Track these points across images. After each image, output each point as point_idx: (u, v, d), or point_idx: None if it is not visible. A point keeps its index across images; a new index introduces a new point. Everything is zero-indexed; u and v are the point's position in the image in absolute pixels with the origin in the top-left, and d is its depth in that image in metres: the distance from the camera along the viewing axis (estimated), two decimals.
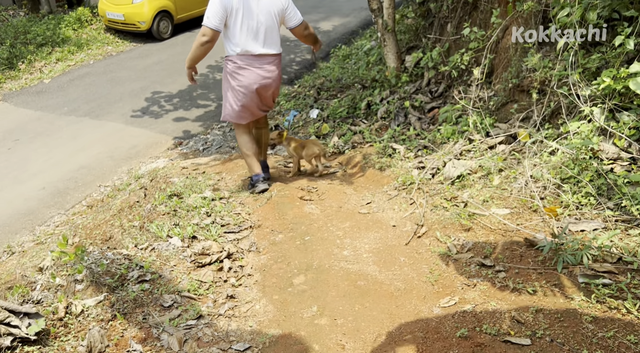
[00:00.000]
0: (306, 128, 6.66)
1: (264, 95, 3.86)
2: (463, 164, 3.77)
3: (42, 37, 9.50)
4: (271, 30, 3.62)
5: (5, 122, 7.30)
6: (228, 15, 3.49)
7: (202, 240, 3.24)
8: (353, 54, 9.21)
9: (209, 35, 3.52)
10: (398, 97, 5.66)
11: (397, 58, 5.95)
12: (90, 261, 2.68)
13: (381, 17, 5.83)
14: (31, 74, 8.76)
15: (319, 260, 2.88)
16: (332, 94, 7.44)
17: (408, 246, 2.96)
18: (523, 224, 2.92)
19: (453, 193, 3.53)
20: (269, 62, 3.71)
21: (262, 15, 3.54)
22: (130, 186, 5.89)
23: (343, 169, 4.72)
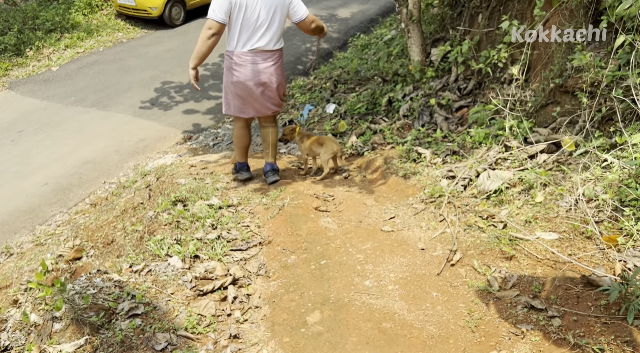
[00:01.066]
0: (322, 125, 6.22)
1: (265, 91, 3.72)
2: (499, 175, 3.31)
3: (51, 22, 9.13)
4: (273, 26, 3.50)
5: (10, 113, 6.98)
6: (232, 8, 3.38)
7: (205, 259, 2.86)
8: (372, 43, 8.69)
9: (215, 29, 3.39)
10: (422, 94, 5.18)
11: (422, 51, 5.46)
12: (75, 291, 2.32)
13: (405, 7, 5.33)
14: (39, 61, 8.42)
15: (337, 291, 2.47)
16: (350, 87, 6.97)
17: (440, 276, 2.54)
18: (576, 254, 2.48)
19: (489, 209, 3.09)
20: (268, 58, 3.60)
21: (265, 10, 3.41)
22: (136, 183, 5.54)
23: (362, 175, 4.29)
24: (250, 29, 3.45)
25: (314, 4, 11.33)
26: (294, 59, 8.94)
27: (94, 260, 4.40)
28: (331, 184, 4.18)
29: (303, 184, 4.22)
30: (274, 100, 3.89)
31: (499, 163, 3.58)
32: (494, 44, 4.84)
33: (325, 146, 4.16)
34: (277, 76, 3.73)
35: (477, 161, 3.66)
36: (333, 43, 9.61)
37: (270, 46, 3.57)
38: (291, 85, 7.82)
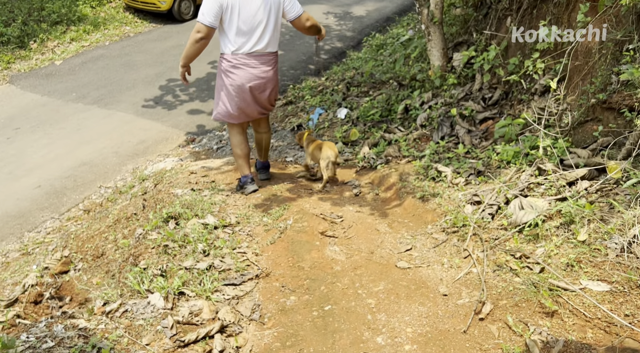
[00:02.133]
0: (332, 131, 5.78)
1: (258, 95, 3.61)
2: (533, 204, 2.85)
3: (57, 14, 8.77)
4: (269, 28, 3.37)
5: (9, 108, 6.63)
6: (224, 11, 3.24)
7: (191, 297, 2.45)
8: (388, 44, 8.20)
9: (203, 32, 3.26)
10: (442, 103, 4.71)
11: (443, 55, 4.98)
12: (27, 346, 1.92)
13: (427, 7, 4.85)
14: (42, 54, 8.06)
15: (344, 350, 2.04)
16: (364, 90, 6.50)
17: (467, 334, 2.09)
18: (635, 315, 2.02)
19: (522, 246, 2.63)
20: (264, 62, 3.47)
21: (259, 11, 3.28)
22: (133, 189, 5.16)
23: (375, 193, 3.84)
24: (245, 32, 3.31)
25: (328, 1, 10.86)
26: (305, 58, 8.48)
27: (81, 274, 4.03)
28: (340, 202, 3.74)
29: (309, 201, 3.78)
30: (265, 105, 3.76)
31: (532, 188, 3.11)
32: (523, 51, 4.36)
33: (322, 152, 4.02)
34: (273, 81, 3.62)
35: (506, 185, 3.19)
36: (347, 42, 9.14)
37: (268, 49, 3.44)
38: (301, 86, 7.38)
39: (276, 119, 6.57)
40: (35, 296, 3.87)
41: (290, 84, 7.55)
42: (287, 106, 6.84)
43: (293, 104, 6.85)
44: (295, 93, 7.18)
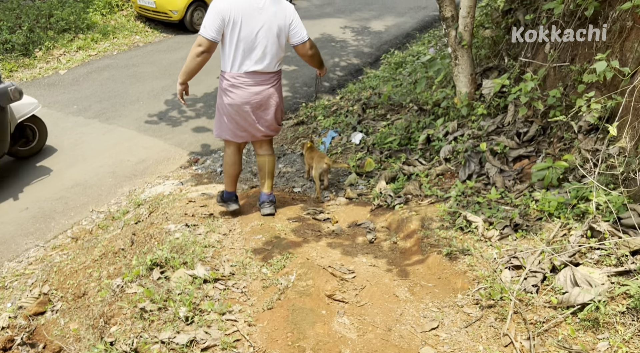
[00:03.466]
0: (345, 157, 5.27)
1: (260, 114, 3.41)
2: (589, 278, 2.31)
3: (66, 21, 8.43)
4: (271, 47, 3.18)
5: None
6: (225, 25, 3.06)
7: None
8: (408, 62, 7.71)
9: (205, 46, 3.08)
10: (470, 135, 4.18)
11: (471, 82, 4.46)
12: None
13: (455, 28, 4.34)
14: (47, 63, 7.71)
15: None
16: (381, 113, 6.00)
17: None
18: None
19: (579, 336, 2.09)
20: (265, 81, 3.28)
21: (263, 30, 3.10)
22: (127, 215, 4.70)
23: (392, 241, 3.32)
24: (246, 49, 3.13)
25: (346, 15, 10.41)
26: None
27: (59, 316, 3.57)
28: (352, 251, 3.22)
29: (316, 247, 3.27)
30: (271, 125, 3.53)
31: (584, 253, 2.57)
32: (565, 81, 3.82)
33: (315, 161, 4.25)
34: (275, 99, 3.40)
35: (551, 247, 2.65)
36: (364, 58, 8.66)
37: (269, 68, 3.25)
38: (315, 104, 6.90)
39: (285, 140, 6.09)
40: (5, 342, 3.40)
41: (303, 102, 7.08)
42: (298, 127, 6.36)
43: (305, 125, 6.37)
44: (307, 112, 6.70)
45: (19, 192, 5.01)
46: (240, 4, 3.02)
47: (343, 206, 4.09)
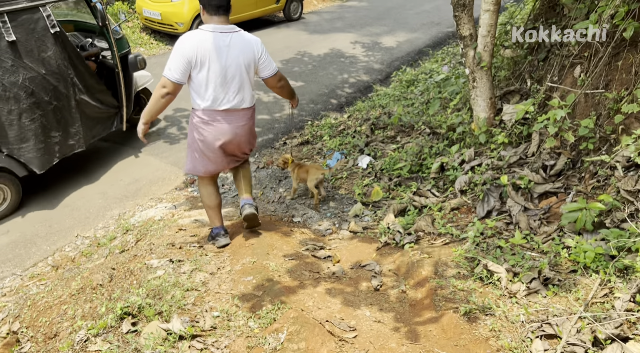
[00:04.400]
0: (351, 182, 4.86)
1: (233, 151, 3.35)
2: None
3: None
4: (242, 84, 3.11)
5: None
6: (192, 67, 2.96)
7: None
8: (420, 80, 7.32)
9: (169, 88, 2.98)
10: (489, 166, 3.75)
11: (490, 106, 4.04)
12: None
13: (473, 48, 3.94)
14: None
15: None
16: (390, 135, 5.59)
17: None
18: None
19: None
20: (237, 117, 3.19)
21: (231, 67, 3.02)
22: (114, 241, 4.33)
23: (400, 289, 2.88)
24: (217, 88, 3.03)
25: (356, 30, 10.07)
26: (327, 92, 7.65)
27: None
28: (354, 301, 2.79)
29: (313, 294, 2.85)
30: (240, 157, 3.48)
31: (635, 323, 2.12)
32: (597, 109, 3.39)
33: (309, 174, 4.24)
34: (247, 136, 3.33)
35: (591, 313, 2.21)
36: (374, 75, 8.29)
37: (242, 105, 3.17)
38: (321, 123, 6.52)
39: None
40: None
41: (309, 120, 6.70)
42: (303, 147, 5.97)
43: (310, 145, 5.98)
44: (313, 131, 6.32)
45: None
46: (206, 44, 2.91)
47: (346, 241, 3.68)
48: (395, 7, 11.48)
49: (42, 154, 4.54)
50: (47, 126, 4.53)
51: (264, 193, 5.02)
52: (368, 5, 11.60)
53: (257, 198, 4.93)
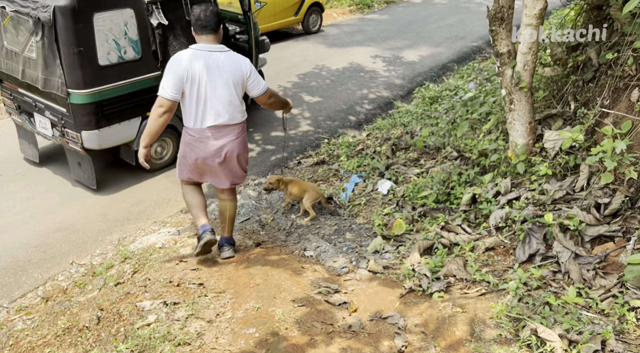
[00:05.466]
0: (369, 209, 4.42)
1: (226, 166, 3.36)
2: None
3: None
4: (232, 101, 3.19)
5: (2, 148, 5.66)
6: (184, 84, 3.04)
7: None
8: (444, 97, 6.86)
9: (166, 106, 3.05)
10: (529, 200, 3.27)
11: (530, 131, 3.57)
12: None
13: (511, 67, 3.48)
14: None
15: None
16: (413, 158, 5.14)
17: None
18: None
19: None
20: (228, 133, 3.27)
21: (221, 86, 3.10)
22: (110, 271, 3.96)
23: (433, 348, 2.41)
24: (208, 105, 3.12)
25: (377, 43, 9.68)
26: (345, 108, 7.24)
27: None
28: None
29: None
30: (236, 173, 3.48)
31: None
32: None
33: (307, 193, 4.20)
34: (238, 150, 3.36)
35: None
36: (395, 91, 7.86)
37: (232, 121, 3.24)
38: (338, 142, 6.11)
39: None
40: None
41: (326, 139, 6.29)
42: (318, 167, 5.55)
43: (325, 165, 5.56)
44: (329, 150, 5.91)
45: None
46: (197, 63, 3.02)
47: (365, 283, 3.22)
48: (418, 21, 11.06)
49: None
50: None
51: (275, 218, 4.60)
52: (389, 18, 11.21)
53: (267, 224, 4.52)
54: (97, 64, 4.41)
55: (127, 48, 4.61)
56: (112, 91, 4.58)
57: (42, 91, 4.60)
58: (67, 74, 4.32)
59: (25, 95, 4.89)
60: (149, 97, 4.14)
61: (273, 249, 3.87)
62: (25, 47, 4.54)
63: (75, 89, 4.38)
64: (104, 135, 4.66)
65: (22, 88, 4.90)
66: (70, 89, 4.37)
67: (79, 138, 4.57)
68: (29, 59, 4.54)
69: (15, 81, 4.88)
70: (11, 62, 4.75)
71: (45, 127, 4.86)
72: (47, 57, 4.36)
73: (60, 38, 4.22)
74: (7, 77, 5.00)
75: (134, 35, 4.61)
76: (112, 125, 4.68)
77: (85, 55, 4.31)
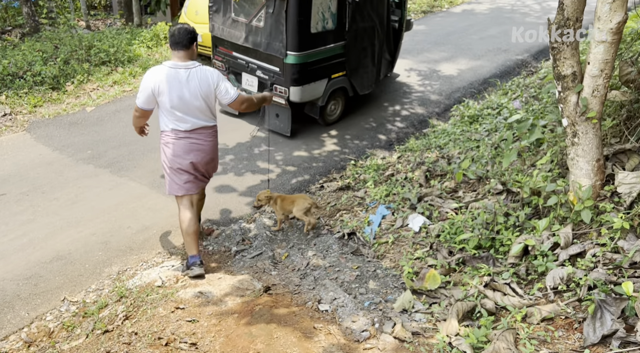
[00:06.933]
0: (397, 250, 3.83)
1: (196, 164, 3.70)
2: None
3: (106, 53, 7.72)
4: (200, 109, 3.55)
5: (9, 164, 5.38)
6: (156, 96, 3.44)
7: None
8: (485, 116, 6.19)
9: (139, 113, 3.58)
10: (598, 259, 2.61)
11: (597, 171, 2.90)
12: None
13: (576, 93, 2.84)
14: (77, 97, 6.94)
15: None
16: (450, 188, 4.50)
17: None
18: None
19: None
20: (201, 135, 3.65)
21: (189, 97, 3.45)
22: (104, 311, 3.53)
23: None
24: (178, 113, 3.50)
25: (412, 56, 9.06)
26: (375, 125, 6.67)
27: None
28: None
29: None
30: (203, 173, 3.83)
31: None
32: None
33: (296, 204, 4.17)
34: (211, 151, 3.76)
35: None
36: (430, 107, 7.22)
37: (203, 124, 3.62)
38: (365, 164, 5.54)
39: (324, 212, 4.73)
40: None
41: (352, 160, 5.73)
42: (342, 193, 5.00)
43: (350, 191, 5.00)
44: (355, 174, 5.35)
45: None
46: (165, 78, 3.37)
47: None
48: (457, 32, 10.36)
49: (362, 80, 6.47)
50: (369, 61, 6.42)
51: (290, 254, 4.07)
52: (426, 29, 10.56)
53: (280, 261, 4.00)
54: (309, 32, 5.48)
55: (328, 20, 5.66)
56: (314, 54, 5.66)
57: (258, 54, 5.75)
58: (289, 38, 5.39)
59: (239, 58, 6.04)
60: (334, 63, 5.91)
61: (283, 297, 3.34)
62: (254, 18, 5.66)
63: (292, 51, 5.47)
64: (305, 91, 5.73)
65: (237, 52, 6.03)
66: (288, 51, 5.47)
67: (286, 92, 5.66)
68: (255, 28, 5.68)
69: (232, 46, 6.04)
70: (234, 30, 5.89)
71: (252, 84, 6.02)
72: (273, 26, 5.46)
73: (289, 10, 5.26)
74: (223, 43, 6.16)
75: (334, 9, 5.67)
76: (310, 83, 5.74)
77: (303, 24, 5.38)
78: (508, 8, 12.27)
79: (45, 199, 4.79)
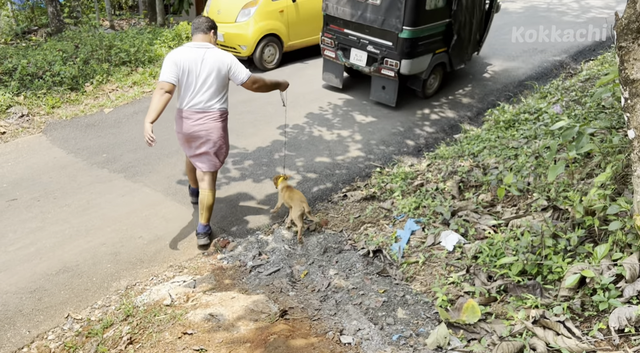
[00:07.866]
0: (430, 272, 3.43)
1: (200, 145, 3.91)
2: None
3: (126, 53, 7.54)
4: (210, 89, 3.75)
5: (21, 168, 5.20)
6: (179, 71, 3.63)
7: None
8: (522, 121, 5.71)
9: (166, 88, 3.58)
10: None
11: None
12: None
13: None
14: (96, 98, 6.77)
15: None
16: (487, 201, 4.08)
17: None
18: None
19: None
20: (204, 116, 3.81)
21: (203, 77, 3.70)
22: (109, 331, 3.26)
23: None
24: (190, 91, 3.72)
25: None
26: (403, 130, 6.27)
27: None
28: None
29: None
30: (211, 159, 3.98)
31: None
32: None
33: (294, 203, 4.14)
34: (214, 135, 3.88)
35: None
36: (462, 111, 6.78)
37: (213, 106, 3.80)
38: (392, 172, 5.15)
39: (347, 224, 4.37)
40: None
41: (378, 167, 5.35)
42: (367, 204, 4.63)
43: (376, 202, 4.62)
44: (381, 182, 4.97)
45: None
46: (186, 56, 3.64)
47: None
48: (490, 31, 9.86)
49: (459, 57, 6.93)
50: (466, 39, 6.86)
51: (309, 272, 3.73)
52: None
53: (299, 280, 3.66)
54: (424, 8, 5.92)
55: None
56: (425, 30, 6.10)
57: (371, 30, 6.18)
58: (406, 14, 5.82)
59: (350, 34, 6.41)
60: (439, 39, 6.42)
61: (301, 324, 2.99)
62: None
63: (408, 26, 5.88)
64: (413, 64, 6.14)
65: (348, 29, 6.42)
66: (404, 26, 5.89)
67: (397, 65, 6.09)
68: (371, 5, 6.08)
69: (344, 23, 6.42)
70: (349, 9, 6.26)
71: (360, 59, 6.42)
72: (391, 2, 5.88)
73: None
74: (335, 21, 6.53)
75: None
76: (418, 57, 6.17)
77: (421, 0, 5.82)
78: (543, 7, 11.64)
79: (56, 205, 4.58)
